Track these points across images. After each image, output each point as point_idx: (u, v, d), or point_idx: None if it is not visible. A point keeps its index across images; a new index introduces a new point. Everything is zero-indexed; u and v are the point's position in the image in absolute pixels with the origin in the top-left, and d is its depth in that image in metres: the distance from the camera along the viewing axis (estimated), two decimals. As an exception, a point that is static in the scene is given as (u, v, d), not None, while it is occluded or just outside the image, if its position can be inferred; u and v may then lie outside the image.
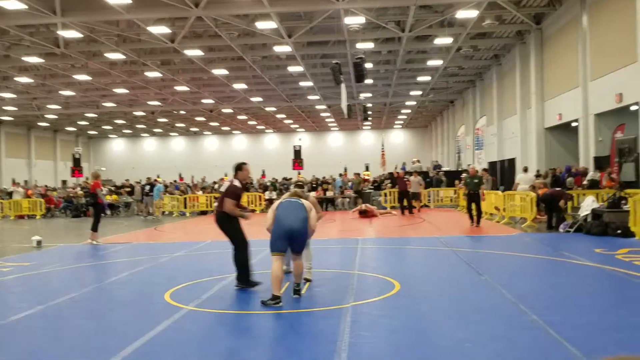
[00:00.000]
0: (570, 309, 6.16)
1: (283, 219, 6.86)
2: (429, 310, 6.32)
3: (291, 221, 6.81)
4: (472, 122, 35.16)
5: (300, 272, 7.09)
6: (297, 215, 6.88)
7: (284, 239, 6.79)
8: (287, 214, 6.89)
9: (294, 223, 6.80)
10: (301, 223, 6.85)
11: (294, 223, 6.80)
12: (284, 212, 6.93)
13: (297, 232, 6.80)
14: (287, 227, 6.78)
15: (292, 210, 6.95)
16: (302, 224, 6.85)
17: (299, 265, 7.04)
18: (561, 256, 9.94)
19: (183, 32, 22.39)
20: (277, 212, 7.00)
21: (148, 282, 8.68)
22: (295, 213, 6.90)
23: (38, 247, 13.42)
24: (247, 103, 41.14)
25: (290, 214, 6.88)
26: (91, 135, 63.42)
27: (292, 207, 6.99)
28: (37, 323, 6.26)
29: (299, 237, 6.86)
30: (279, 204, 7.15)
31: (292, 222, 6.80)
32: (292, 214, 6.88)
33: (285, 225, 6.79)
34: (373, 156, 52.65)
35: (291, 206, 7.00)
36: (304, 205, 7.07)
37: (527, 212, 15.59)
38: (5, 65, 27.58)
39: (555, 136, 23.78)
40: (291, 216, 6.85)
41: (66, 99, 38.77)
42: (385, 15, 22.01)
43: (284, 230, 6.79)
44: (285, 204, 7.09)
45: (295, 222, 6.80)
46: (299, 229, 6.81)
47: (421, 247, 12.12)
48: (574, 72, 20.24)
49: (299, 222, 6.83)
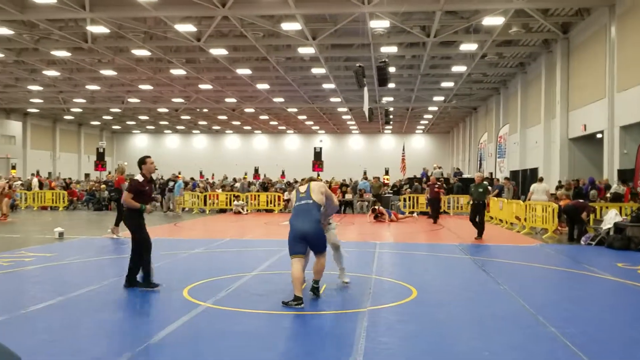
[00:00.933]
0: (589, 323, 6.09)
1: (295, 223, 6.94)
2: (446, 317, 6.29)
3: (303, 225, 6.85)
4: (495, 129, 34.89)
5: (321, 269, 7.05)
6: (309, 217, 6.89)
7: (299, 242, 6.88)
8: (299, 218, 6.94)
9: (306, 226, 6.84)
10: (314, 225, 6.87)
11: (306, 226, 6.84)
12: (295, 217, 6.99)
13: (311, 235, 6.85)
14: (300, 231, 6.85)
15: (302, 212, 6.96)
16: (315, 225, 6.88)
17: (322, 262, 7.03)
18: (582, 269, 9.82)
19: (209, 31, 22.60)
20: (291, 216, 7.08)
21: (166, 277, 8.74)
22: (307, 216, 6.91)
23: (60, 238, 13.62)
24: (270, 103, 41.34)
25: (302, 217, 6.91)
26: (115, 130, 64.23)
27: (303, 209, 6.99)
28: (56, 314, 6.35)
29: (315, 239, 6.90)
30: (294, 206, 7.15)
31: (304, 226, 6.84)
32: (304, 217, 6.91)
33: (298, 229, 6.86)
34: (393, 160, 52.49)
35: (302, 209, 6.99)
36: (316, 203, 7.02)
37: (549, 223, 15.41)
38: (33, 58, 28.10)
39: (579, 147, 23.48)
40: (303, 220, 6.89)
41: (92, 94, 39.36)
42: (410, 19, 21.97)
43: (297, 234, 6.87)
44: (296, 208, 7.08)
45: (307, 226, 6.84)
46: (312, 231, 6.85)
47: (439, 253, 12.05)
48: (601, 83, 19.97)
49: (311, 225, 6.85)
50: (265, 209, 26.42)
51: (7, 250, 11.44)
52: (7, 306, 6.54)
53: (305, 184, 7.33)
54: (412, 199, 25.56)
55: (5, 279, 8.41)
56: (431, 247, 13.28)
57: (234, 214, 24.71)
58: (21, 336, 5.44)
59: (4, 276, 8.59)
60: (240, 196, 26.26)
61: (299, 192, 7.22)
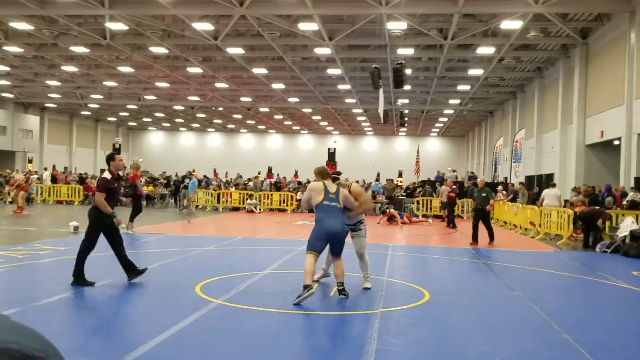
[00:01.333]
0: (603, 331, 6.03)
1: (325, 221, 6.97)
2: (458, 321, 6.26)
3: (332, 224, 6.94)
4: (511, 134, 34.64)
5: (342, 272, 7.14)
6: (338, 218, 7.00)
7: (323, 241, 6.99)
8: (329, 216, 6.98)
9: (335, 226, 6.95)
10: (342, 226, 7.03)
11: (335, 226, 6.95)
12: (325, 215, 7.01)
13: (338, 235, 7.00)
14: (328, 229, 6.93)
15: (333, 212, 7.02)
16: (343, 227, 7.05)
17: (340, 265, 7.14)
18: (597, 276, 9.72)
19: (226, 30, 22.69)
20: (317, 213, 7.09)
21: (179, 273, 8.81)
22: (336, 216, 7.00)
23: (75, 232, 13.75)
24: (284, 103, 41.41)
25: (332, 216, 6.98)
26: (131, 126, 64.72)
27: (332, 210, 7.04)
28: (69, 307, 6.42)
29: (339, 240, 7.05)
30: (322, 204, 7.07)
31: (334, 225, 6.94)
32: (333, 216, 6.98)
33: (327, 227, 6.94)
34: (407, 163, 52.37)
35: (331, 209, 7.04)
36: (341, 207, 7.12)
37: (564, 229, 15.28)
38: (52, 53, 28.39)
39: (595, 153, 23.24)
40: (332, 219, 6.96)
41: (109, 90, 39.69)
42: (427, 22, 21.89)
43: (324, 232, 6.95)
44: (325, 206, 7.06)
45: (336, 226, 6.96)
46: (340, 231, 7.01)
47: (452, 257, 12.00)
48: (619, 89, 19.75)
49: (340, 225, 6.99)
50: (278, 209, 26.48)
51: (23, 243, 11.58)
52: (20, 298, 6.61)
53: (334, 186, 7.27)
54: (426, 202, 25.47)
55: (19, 272, 8.51)
56: (444, 251, 13.22)
57: (247, 213, 24.80)
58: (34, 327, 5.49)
59: (19, 268, 8.70)
60: (253, 195, 26.34)
61: (328, 191, 7.14)
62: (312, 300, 6.89)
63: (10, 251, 10.28)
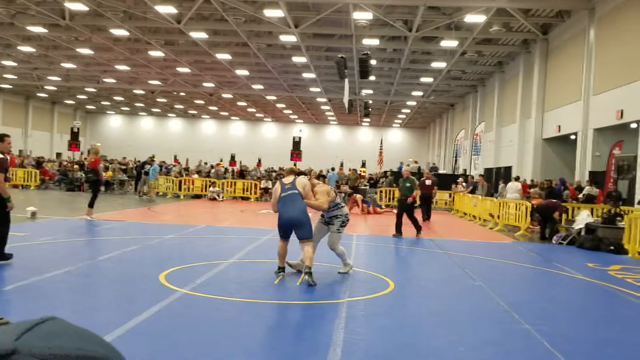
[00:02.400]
0: (562, 321, 6.23)
1: (282, 211, 7.59)
2: (423, 311, 6.37)
3: (290, 212, 7.52)
4: (472, 127, 35.26)
5: (309, 257, 7.45)
6: (295, 207, 7.53)
7: (284, 229, 7.66)
8: (285, 205, 7.56)
9: (292, 214, 7.52)
10: (299, 212, 7.53)
11: (292, 214, 7.52)
12: (282, 205, 7.59)
13: (297, 222, 7.51)
14: (284, 218, 7.59)
15: (289, 201, 7.56)
16: (300, 213, 7.53)
17: (307, 250, 7.50)
18: (554, 268, 10.02)
19: (190, 13, 22.29)
20: (279, 204, 7.64)
21: (142, 262, 8.68)
22: (292, 204, 7.53)
23: (32, 218, 13.36)
24: (248, 90, 41.06)
25: (288, 205, 7.54)
26: (89, 109, 63.08)
27: (288, 199, 7.58)
28: (30, 295, 6.25)
29: (299, 226, 7.51)
30: (280, 197, 7.65)
31: (288, 213, 7.53)
32: (289, 205, 7.54)
33: (283, 217, 7.60)
34: (370, 153, 52.73)
35: (288, 199, 7.58)
36: (300, 193, 7.61)
37: (521, 221, 15.67)
38: (8, 33, 27.36)
39: (552, 147, 23.88)
40: (290, 208, 7.53)
41: (67, 72, 38.54)
42: (393, 13, 21.99)
43: (282, 221, 7.63)
44: (282, 198, 7.61)
45: (293, 213, 7.51)
46: (298, 218, 7.50)
47: (415, 247, 12.17)
48: (577, 85, 20.31)
49: (297, 213, 7.51)
50: (242, 197, 26.31)
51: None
52: (-22, 286, 6.40)
53: (290, 177, 7.86)
54: (388, 192, 25.72)
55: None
56: (407, 241, 13.39)
57: (209, 200, 24.56)
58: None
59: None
60: (216, 182, 26.09)
61: (283, 184, 7.76)
62: (278, 289, 6.90)
63: (-36, 237, 9.92)
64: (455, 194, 24.29)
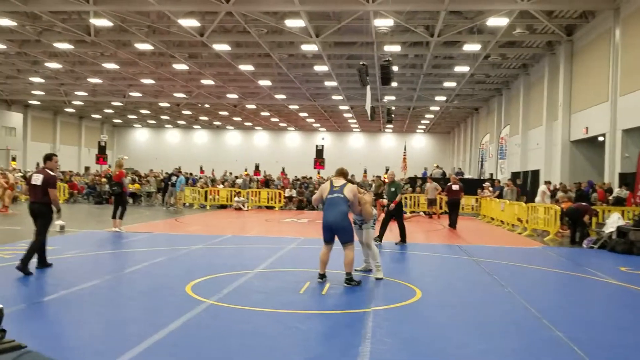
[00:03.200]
0: (594, 327, 6.07)
1: (325, 213, 7.81)
2: (451, 319, 6.27)
3: (331, 216, 7.70)
4: (497, 130, 34.87)
5: (349, 262, 7.76)
6: (338, 210, 7.68)
7: (326, 232, 7.81)
8: (329, 209, 7.76)
9: (333, 218, 7.68)
10: (340, 217, 7.67)
11: (333, 218, 7.68)
12: (327, 208, 7.81)
13: (337, 226, 7.68)
14: (326, 221, 7.77)
15: (333, 205, 7.74)
16: (341, 217, 7.67)
17: (347, 255, 7.78)
18: (585, 272, 9.80)
19: (212, 26, 22.55)
20: (324, 204, 7.87)
21: (169, 273, 8.74)
22: (336, 208, 7.70)
23: (61, 231, 13.58)
24: (271, 100, 41.30)
25: (332, 208, 7.72)
26: (116, 123, 64.12)
27: (333, 202, 7.75)
28: (60, 309, 6.33)
29: (340, 230, 7.69)
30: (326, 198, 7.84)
31: (331, 217, 7.69)
32: (333, 208, 7.72)
33: (326, 219, 7.78)
34: (394, 159, 52.47)
35: (333, 202, 7.76)
36: (346, 198, 7.76)
37: (551, 226, 15.39)
38: (36, 50, 28.02)
39: (580, 150, 23.46)
40: (332, 212, 7.70)
41: (93, 87, 39.29)
42: (414, 19, 21.92)
43: (325, 223, 7.81)
44: (328, 200, 7.81)
45: (334, 217, 7.67)
46: (338, 222, 7.66)
47: (442, 254, 12.04)
48: (604, 86, 19.95)
49: (338, 217, 7.66)
50: (266, 206, 26.40)
51: (9, 243, 11.42)
52: (8, 300, 6.50)
53: (341, 180, 7.99)
54: (413, 198, 25.55)
55: (6, 272, 8.37)
56: (433, 248, 13.26)
57: (235, 210, 24.69)
58: (21, 331, 5.41)
59: (6, 269, 8.56)
60: (241, 192, 26.23)
61: (333, 185, 7.92)
62: (304, 298, 6.89)
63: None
64: (481, 199, 24.01)
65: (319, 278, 7.90)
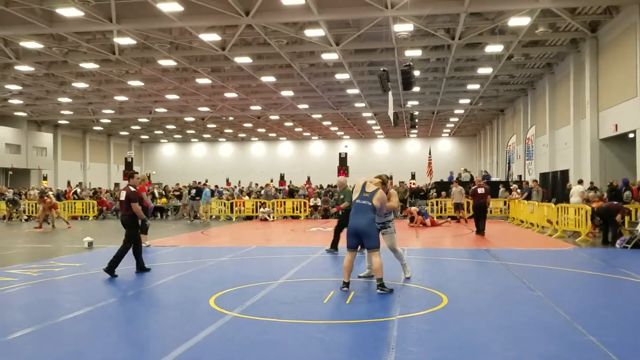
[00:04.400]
0: (628, 331, 5.85)
1: (352, 219, 7.85)
2: (478, 326, 6.11)
3: (358, 222, 7.73)
4: (523, 131, 34.35)
5: (378, 268, 7.74)
6: (365, 217, 7.71)
7: (351, 237, 7.82)
8: (356, 214, 7.81)
9: (359, 224, 7.71)
10: (367, 222, 7.70)
11: (359, 224, 7.71)
12: (354, 213, 7.86)
13: (364, 232, 7.69)
14: (352, 226, 7.81)
15: (360, 210, 7.80)
16: (367, 223, 7.70)
17: (375, 261, 7.76)
18: (618, 273, 9.51)
19: (233, 39, 22.74)
20: (352, 209, 7.94)
21: (193, 286, 8.75)
22: (363, 214, 7.74)
23: (89, 248, 13.76)
24: (294, 110, 41.42)
25: (359, 216, 7.76)
26: (143, 139, 65.12)
27: (361, 208, 7.82)
28: (85, 324, 6.36)
29: (366, 235, 7.69)
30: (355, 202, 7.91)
31: (359, 223, 7.72)
32: (360, 216, 7.75)
33: (352, 224, 7.82)
34: (419, 164, 52.12)
35: (361, 208, 7.82)
36: (373, 206, 7.80)
37: (582, 226, 15.02)
38: (63, 70, 28.63)
39: (610, 148, 22.92)
40: (359, 218, 7.74)
41: (120, 104, 39.98)
42: (434, 22, 21.76)
43: (350, 228, 7.84)
44: (356, 205, 7.88)
45: (361, 223, 7.69)
46: (365, 228, 7.67)
47: (469, 259, 11.83)
48: (632, 81, 19.49)
49: (365, 223, 7.68)
50: (292, 216, 26.40)
51: (37, 260, 11.60)
52: (35, 317, 6.58)
53: (374, 186, 8.03)
54: (440, 203, 25.28)
55: (34, 290, 8.49)
56: (460, 253, 13.04)
57: (261, 221, 24.74)
58: (49, 347, 5.46)
59: (34, 287, 8.68)
60: (266, 203, 26.29)
61: (364, 190, 7.95)
62: (328, 308, 6.81)
63: (25, 269, 10.30)
64: (510, 201, 23.61)
65: (343, 287, 7.84)
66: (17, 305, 7.53)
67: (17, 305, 7.48)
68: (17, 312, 7.08)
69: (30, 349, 5.45)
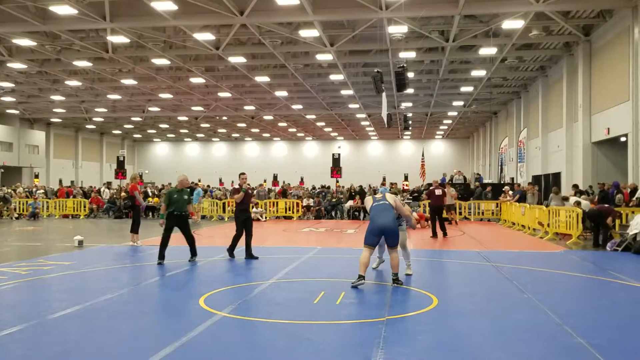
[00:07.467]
0: (619, 333, 5.86)
1: (376, 219, 8.24)
2: (468, 328, 6.11)
3: (383, 220, 8.17)
4: (516, 134, 34.46)
5: (396, 264, 8.29)
6: (388, 215, 8.22)
7: (376, 236, 8.24)
8: (380, 214, 8.24)
9: (385, 221, 8.16)
10: (392, 220, 8.21)
11: (385, 221, 8.16)
12: (376, 213, 8.29)
13: (389, 229, 8.16)
14: (379, 224, 8.18)
15: (382, 210, 8.28)
16: (392, 221, 8.22)
17: (395, 257, 8.28)
18: (608, 276, 9.54)
19: (227, 39, 22.70)
20: (371, 212, 8.42)
21: (184, 285, 8.72)
22: (386, 214, 8.23)
23: (79, 246, 13.68)
24: (288, 110, 41.41)
25: (383, 215, 8.22)
26: (136, 138, 64.89)
27: (382, 208, 8.33)
28: (73, 323, 6.31)
29: (390, 233, 8.16)
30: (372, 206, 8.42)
31: (384, 221, 8.16)
32: (383, 214, 8.22)
33: (378, 223, 8.19)
34: (412, 166, 52.23)
35: (381, 208, 8.33)
36: (391, 205, 8.39)
37: (573, 229, 15.07)
38: (56, 68, 28.48)
39: (602, 151, 23.03)
40: (383, 217, 8.20)
41: (113, 103, 39.82)
42: (428, 24, 21.80)
43: (376, 227, 8.20)
44: (375, 208, 8.38)
45: (386, 221, 8.17)
46: (390, 226, 8.17)
47: (461, 260, 11.84)
48: (624, 85, 19.58)
49: (389, 221, 8.18)
50: (284, 216, 26.35)
51: (27, 259, 11.51)
52: (24, 315, 6.52)
53: (381, 194, 8.72)
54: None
55: (23, 288, 8.43)
56: (451, 254, 13.05)
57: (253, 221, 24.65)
58: (38, 345, 5.41)
59: (23, 285, 8.61)
60: (258, 203, 26.23)
61: (375, 198, 8.62)
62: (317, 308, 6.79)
63: (14, 267, 10.22)
64: (502, 204, 23.68)
65: (359, 280, 8.09)
66: (6, 303, 7.46)
67: (5, 304, 7.42)
68: (5, 310, 7.02)
69: (18, 347, 5.40)
